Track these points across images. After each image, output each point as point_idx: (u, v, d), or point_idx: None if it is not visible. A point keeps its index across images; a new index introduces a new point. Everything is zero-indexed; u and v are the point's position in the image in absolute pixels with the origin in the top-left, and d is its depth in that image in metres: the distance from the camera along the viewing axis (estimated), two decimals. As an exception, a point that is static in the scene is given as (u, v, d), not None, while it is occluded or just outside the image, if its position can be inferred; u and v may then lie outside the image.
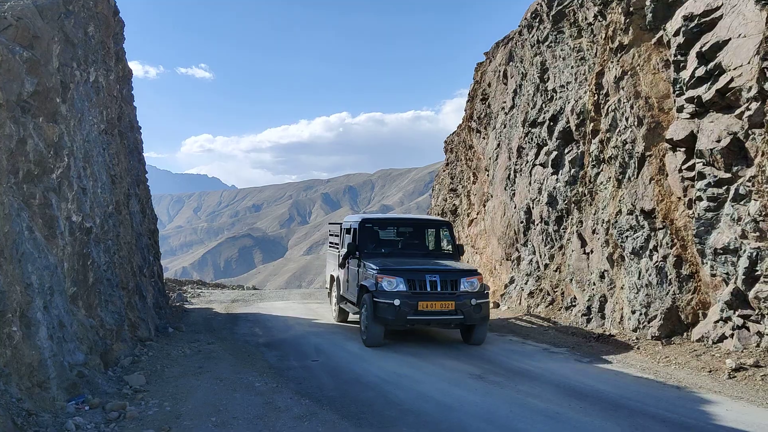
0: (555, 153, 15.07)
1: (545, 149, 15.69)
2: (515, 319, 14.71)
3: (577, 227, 14.05)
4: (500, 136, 19.19)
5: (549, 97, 15.85)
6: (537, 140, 16.18)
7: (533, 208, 16.23)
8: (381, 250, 12.52)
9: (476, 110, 22.00)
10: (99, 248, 9.03)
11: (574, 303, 13.82)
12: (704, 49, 9.92)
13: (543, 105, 16.09)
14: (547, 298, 14.96)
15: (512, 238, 17.47)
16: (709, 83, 9.80)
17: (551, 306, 14.71)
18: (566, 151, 14.74)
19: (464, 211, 22.87)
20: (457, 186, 25.05)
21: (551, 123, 15.45)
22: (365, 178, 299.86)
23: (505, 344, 11.77)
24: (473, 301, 10.82)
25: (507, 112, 18.80)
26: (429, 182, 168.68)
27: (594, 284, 13.19)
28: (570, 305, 13.93)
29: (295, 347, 11.25)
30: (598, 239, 13.07)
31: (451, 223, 14.81)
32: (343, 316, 14.28)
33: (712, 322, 9.93)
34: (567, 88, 14.90)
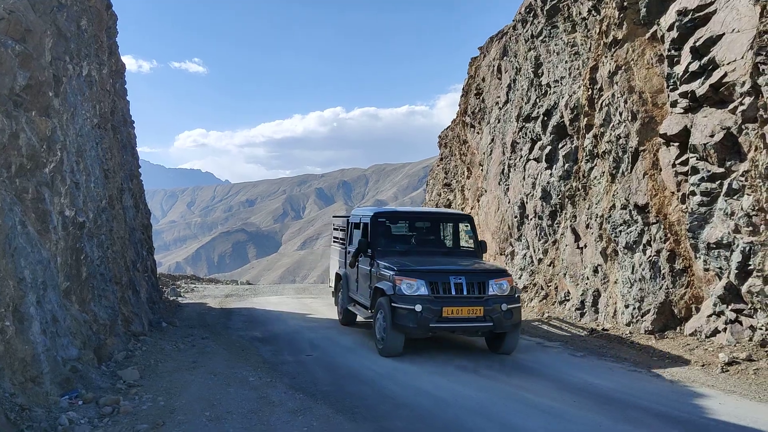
0: (549, 148, 15.09)
1: (539, 144, 15.71)
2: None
3: (571, 222, 14.08)
4: (494, 131, 19.20)
5: (543, 92, 15.86)
6: (531, 135, 16.20)
7: (527, 203, 16.25)
8: (395, 248, 11.36)
9: (470, 105, 22.00)
10: (92, 243, 8.99)
11: (568, 297, 13.87)
12: (698, 44, 9.94)
13: (537, 100, 16.10)
14: (541, 293, 15.01)
15: (506, 233, 17.50)
16: (703, 78, 9.83)
17: (545, 300, 14.75)
18: (560, 146, 14.76)
19: (458, 206, 22.89)
20: (452, 181, 25.07)
21: (545, 118, 15.47)
22: (359, 173, 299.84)
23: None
24: (503, 306, 9.54)
25: (501, 107, 18.81)
26: (423, 177, 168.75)
27: (587, 279, 13.23)
28: (564, 300, 13.98)
29: (290, 342, 11.24)
30: (592, 234, 13.11)
31: (473, 217, 13.49)
32: (349, 318, 12.82)
33: (705, 317, 9.98)
34: (561, 83, 14.91)
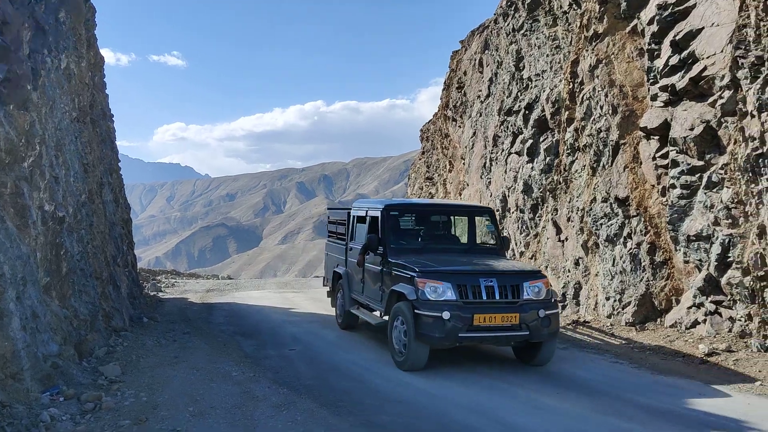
0: (530, 141, 15.15)
1: (521, 137, 15.77)
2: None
3: (552, 215, 14.16)
4: (476, 125, 19.25)
5: (524, 86, 15.91)
6: (512, 129, 16.25)
7: (509, 197, 16.32)
8: (410, 245, 10.11)
9: (452, 99, 22.03)
10: (72, 238, 8.87)
11: (550, 290, 13.95)
12: (678, 38, 10.03)
13: (518, 93, 16.15)
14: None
15: (488, 226, 17.56)
16: (683, 72, 9.92)
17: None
18: (541, 140, 14.82)
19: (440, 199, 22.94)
20: (433, 174, 25.10)
21: (527, 111, 15.52)
22: (340, 167, 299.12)
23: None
24: (541, 313, 8.30)
25: (483, 101, 18.86)
26: (404, 171, 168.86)
27: (569, 271, 13.32)
28: (545, 292, 14.06)
29: (272, 336, 11.19)
30: (573, 227, 13.19)
31: (494, 211, 12.38)
32: (350, 322, 11.55)
33: (685, 308, 10.10)
34: (542, 77, 14.97)
